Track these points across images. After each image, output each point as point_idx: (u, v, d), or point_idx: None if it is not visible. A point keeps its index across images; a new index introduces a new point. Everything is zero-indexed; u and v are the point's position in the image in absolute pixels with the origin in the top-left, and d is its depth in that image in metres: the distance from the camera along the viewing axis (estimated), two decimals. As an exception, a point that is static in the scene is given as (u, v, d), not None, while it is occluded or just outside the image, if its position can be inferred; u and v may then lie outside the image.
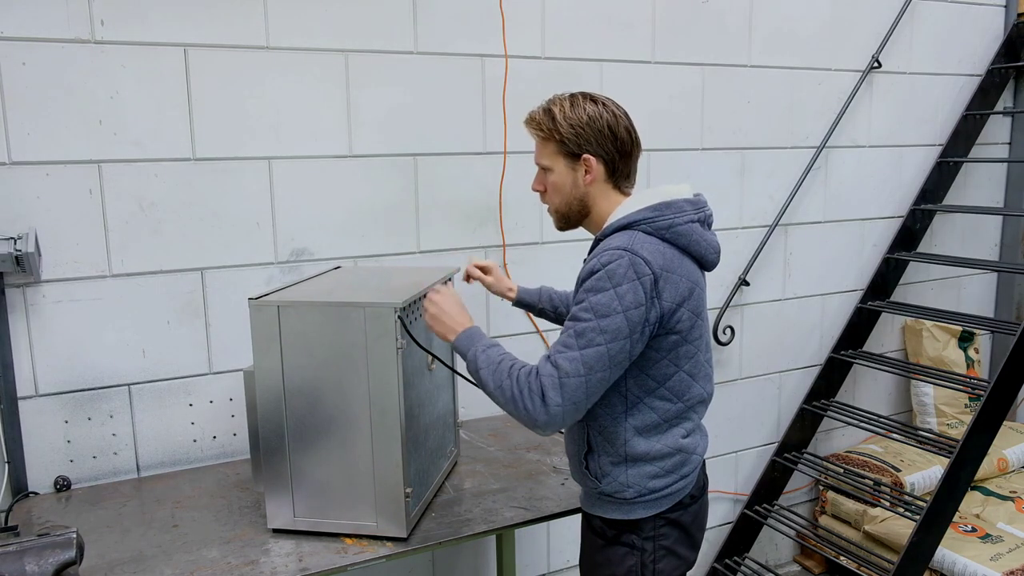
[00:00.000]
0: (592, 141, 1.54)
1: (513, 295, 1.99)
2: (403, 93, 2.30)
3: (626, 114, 1.59)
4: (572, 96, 1.58)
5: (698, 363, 1.57)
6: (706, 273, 1.62)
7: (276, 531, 1.73)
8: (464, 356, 1.58)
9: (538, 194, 1.67)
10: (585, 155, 1.55)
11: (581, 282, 1.49)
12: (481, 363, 1.54)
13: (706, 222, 1.59)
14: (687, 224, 1.52)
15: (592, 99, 1.57)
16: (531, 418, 1.46)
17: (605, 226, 1.57)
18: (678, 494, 1.60)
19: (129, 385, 2.07)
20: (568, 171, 1.58)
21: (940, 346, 3.37)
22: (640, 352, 1.50)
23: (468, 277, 2.02)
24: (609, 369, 1.45)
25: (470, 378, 1.67)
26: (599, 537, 1.63)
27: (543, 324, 2.57)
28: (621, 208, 1.57)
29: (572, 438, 1.65)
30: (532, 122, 1.61)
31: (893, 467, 3.08)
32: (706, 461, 1.75)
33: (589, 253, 1.56)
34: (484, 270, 2.00)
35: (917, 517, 2.51)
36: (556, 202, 1.62)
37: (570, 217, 1.63)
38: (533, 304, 1.98)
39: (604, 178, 1.57)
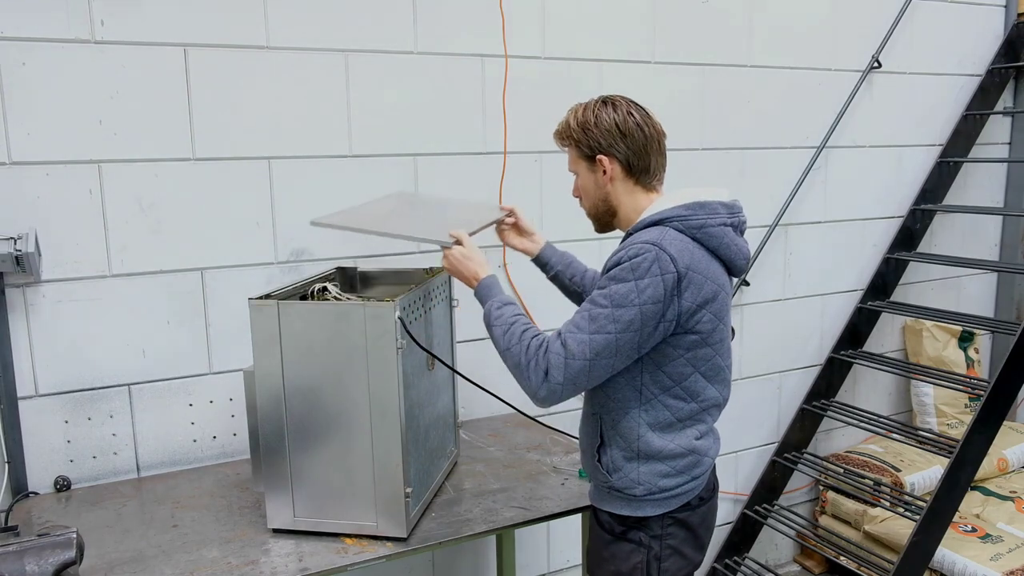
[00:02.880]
0: (601, 142, 1.58)
1: (535, 250, 1.95)
2: (403, 93, 2.30)
3: (639, 111, 1.60)
4: (588, 102, 1.63)
5: (716, 367, 1.57)
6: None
7: (276, 531, 1.73)
8: (481, 305, 1.65)
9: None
10: (599, 156, 1.59)
11: (607, 270, 1.51)
12: (495, 319, 1.58)
13: (739, 228, 1.59)
14: (719, 227, 1.53)
15: (604, 101, 1.61)
16: (532, 389, 1.51)
17: (638, 220, 1.57)
18: (687, 495, 1.61)
19: (129, 385, 2.07)
20: (589, 174, 1.63)
21: (940, 346, 3.37)
22: (653, 347, 1.51)
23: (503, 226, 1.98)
24: (615, 357, 1.48)
25: (470, 378, 1.68)
26: (607, 532, 1.64)
27: (539, 316, 2.56)
28: (655, 204, 1.58)
29: (586, 431, 1.67)
30: (556, 133, 1.68)
31: (893, 467, 3.08)
32: (716, 463, 1.76)
33: (620, 245, 1.56)
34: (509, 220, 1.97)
35: (917, 517, 2.51)
36: (587, 205, 1.68)
37: (600, 218, 1.67)
38: (550, 263, 1.93)
39: (623, 176, 1.60)
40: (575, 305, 1.89)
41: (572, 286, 1.93)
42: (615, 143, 1.57)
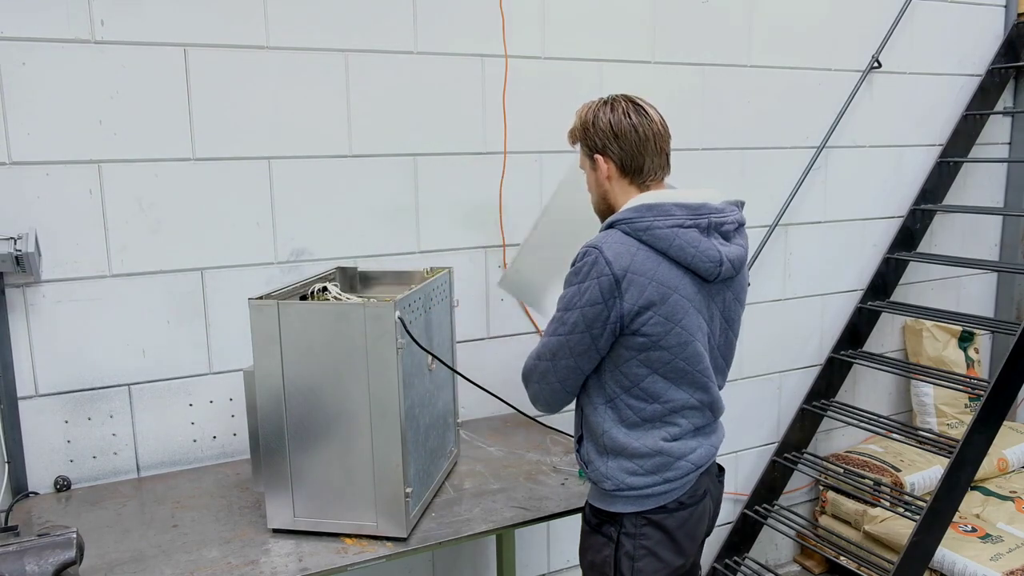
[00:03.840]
0: (597, 142, 1.61)
1: None
2: (403, 93, 2.29)
3: (637, 112, 1.60)
4: (593, 101, 1.66)
5: (677, 369, 1.55)
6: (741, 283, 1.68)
7: (276, 531, 1.73)
8: None
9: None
10: (596, 155, 1.62)
11: None
12: None
13: (712, 228, 1.55)
14: (670, 228, 1.50)
15: (606, 101, 1.63)
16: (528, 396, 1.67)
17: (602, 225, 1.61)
18: (661, 497, 1.60)
19: (129, 385, 2.07)
20: (591, 172, 1.67)
21: (940, 346, 3.37)
22: (611, 346, 1.55)
23: None
24: (573, 358, 1.56)
25: (470, 378, 1.70)
26: (587, 523, 1.71)
27: (542, 324, 2.56)
28: (627, 205, 1.58)
29: (574, 425, 1.74)
30: (568, 132, 1.71)
31: (893, 467, 3.08)
32: (723, 470, 1.78)
33: None
34: None
35: (917, 517, 2.50)
36: (592, 201, 1.71)
37: (602, 214, 1.68)
38: None
39: (618, 175, 1.62)
40: None
41: None
42: (610, 143, 1.59)
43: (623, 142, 1.58)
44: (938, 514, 2.49)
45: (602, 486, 1.62)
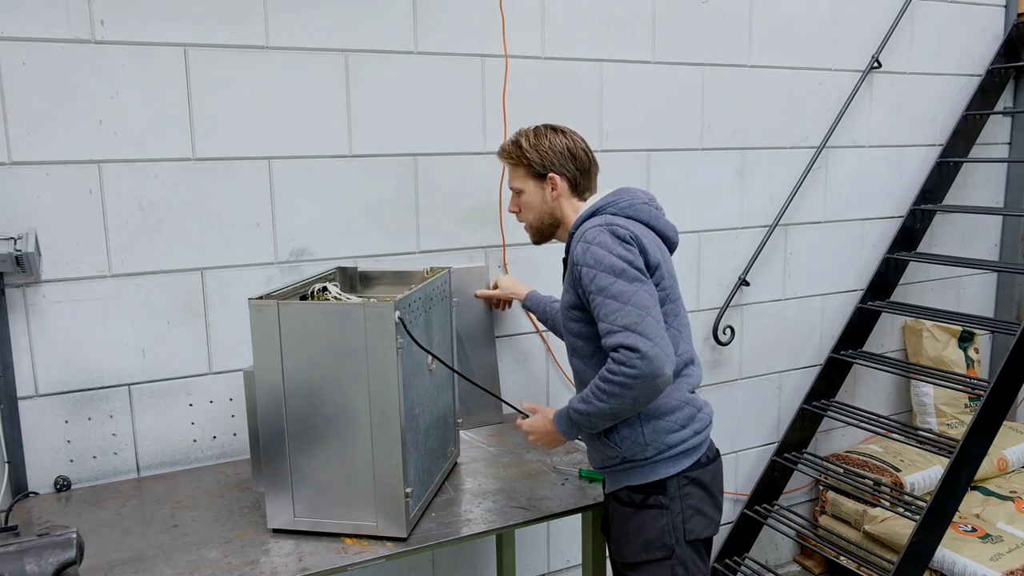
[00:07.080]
0: (555, 162, 1.79)
1: (522, 297, 2.33)
2: (403, 93, 2.30)
3: (577, 136, 1.83)
4: (536, 127, 1.85)
5: (682, 324, 1.75)
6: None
7: (276, 531, 1.73)
8: (580, 432, 1.71)
9: (514, 214, 1.92)
10: (550, 174, 1.80)
11: (576, 266, 1.64)
12: (583, 420, 1.65)
13: (661, 211, 1.79)
14: (643, 205, 1.74)
15: (553, 129, 1.83)
16: (649, 380, 1.52)
17: (574, 222, 1.75)
18: (696, 451, 1.71)
19: (129, 385, 2.07)
20: (538, 190, 1.83)
21: (940, 346, 3.37)
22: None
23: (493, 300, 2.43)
24: (655, 306, 1.59)
25: (471, 379, 1.68)
26: (628, 506, 1.72)
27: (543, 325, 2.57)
28: (585, 207, 1.77)
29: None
30: (503, 152, 1.88)
31: (893, 467, 3.08)
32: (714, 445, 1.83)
33: (566, 252, 1.76)
34: (494, 287, 2.42)
35: (917, 517, 2.51)
36: (530, 218, 1.87)
37: (543, 230, 1.87)
38: (534, 307, 2.30)
39: (568, 193, 1.81)
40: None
41: (549, 322, 2.25)
42: (566, 164, 1.79)
43: (578, 164, 1.80)
44: (938, 514, 2.49)
45: (642, 456, 1.68)
